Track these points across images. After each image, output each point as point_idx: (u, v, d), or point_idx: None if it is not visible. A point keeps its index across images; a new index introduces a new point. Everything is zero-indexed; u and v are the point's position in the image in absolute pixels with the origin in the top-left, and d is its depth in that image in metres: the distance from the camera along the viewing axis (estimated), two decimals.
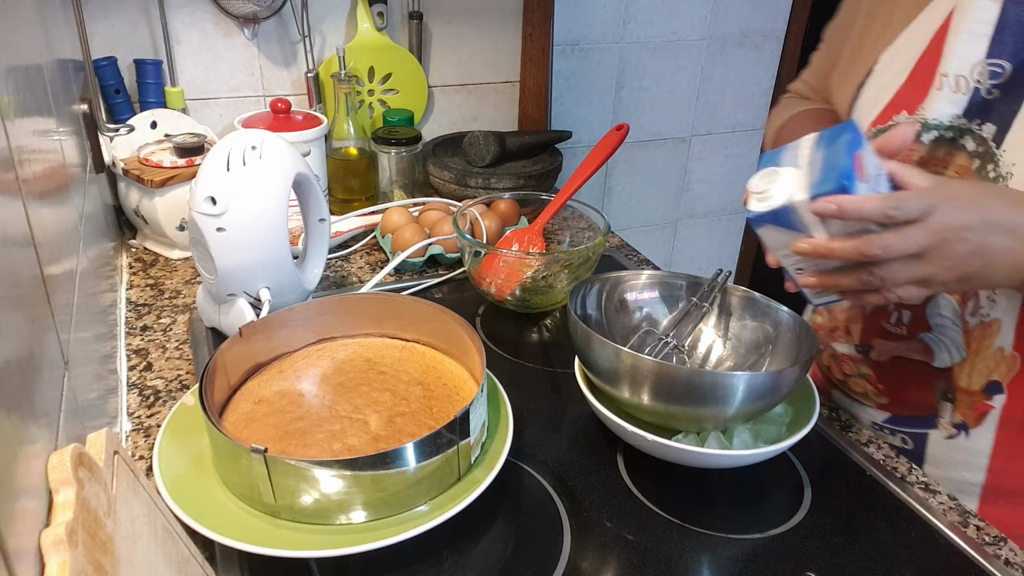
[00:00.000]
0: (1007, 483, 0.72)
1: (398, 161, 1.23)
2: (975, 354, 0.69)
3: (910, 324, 0.73)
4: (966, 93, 0.65)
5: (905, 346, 0.74)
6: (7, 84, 0.48)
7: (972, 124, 0.65)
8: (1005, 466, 0.71)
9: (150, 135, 1.11)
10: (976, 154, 0.65)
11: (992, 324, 0.67)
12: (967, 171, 0.66)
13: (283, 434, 0.65)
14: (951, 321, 0.70)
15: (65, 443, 0.40)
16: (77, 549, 0.34)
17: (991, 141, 0.64)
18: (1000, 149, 0.63)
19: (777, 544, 0.63)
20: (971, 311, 0.69)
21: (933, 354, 0.72)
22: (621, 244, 1.19)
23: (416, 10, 1.28)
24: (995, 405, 0.70)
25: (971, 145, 0.65)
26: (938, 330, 0.71)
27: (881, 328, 0.75)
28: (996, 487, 0.72)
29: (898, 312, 0.74)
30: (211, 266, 0.79)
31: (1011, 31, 0.62)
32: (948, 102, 0.66)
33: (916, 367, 0.74)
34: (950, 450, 0.74)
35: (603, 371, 0.69)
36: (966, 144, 0.66)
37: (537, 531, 0.63)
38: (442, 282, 1.04)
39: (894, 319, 0.74)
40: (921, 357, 0.73)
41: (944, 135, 0.67)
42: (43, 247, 0.49)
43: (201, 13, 1.17)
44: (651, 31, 1.56)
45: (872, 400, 0.80)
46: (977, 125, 0.65)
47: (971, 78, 0.65)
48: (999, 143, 0.63)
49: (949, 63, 0.66)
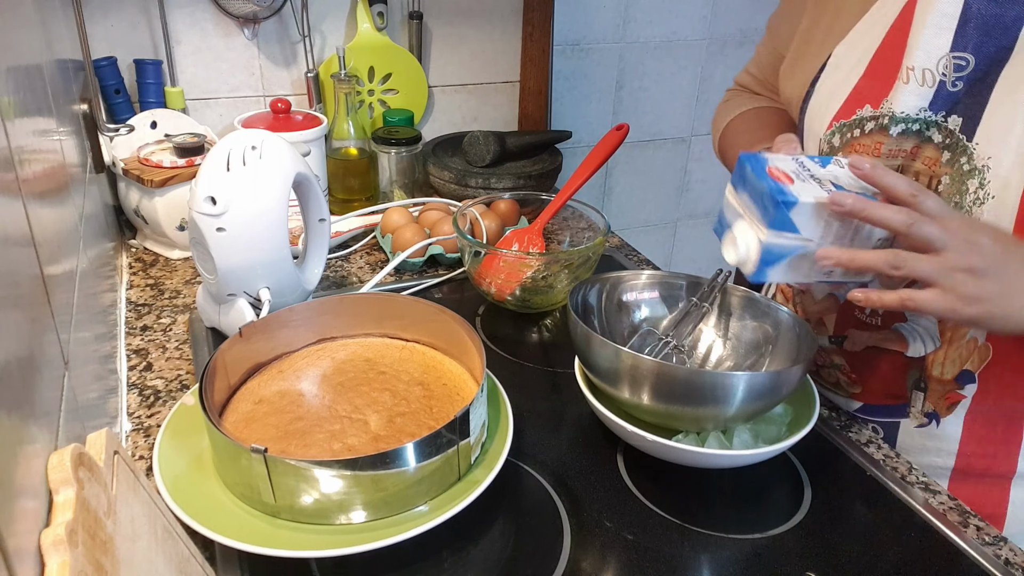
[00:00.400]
0: (976, 464, 0.73)
1: (398, 161, 1.23)
2: (949, 343, 0.70)
3: (885, 314, 0.73)
4: (932, 86, 0.66)
5: (880, 336, 0.74)
6: (7, 84, 0.48)
7: (937, 116, 0.66)
8: (974, 450, 0.73)
9: (150, 135, 1.11)
10: (944, 146, 0.66)
11: None
12: (936, 163, 0.66)
13: (283, 434, 0.65)
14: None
15: (65, 443, 0.40)
16: (77, 549, 0.34)
17: (959, 133, 0.64)
18: (972, 142, 0.64)
19: (777, 544, 0.63)
20: None
21: (907, 344, 0.72)
22: (621, 244, 1.19)
23: (416, 10, 1.28)
24: (966, 395, 0.71)
25: (937, 137, 0.66)
26: (913, 320, 0.72)
27: (856, 319, 0.76)
28: (965, 469, 0.74)
29: None
30: (211, 266, 0.79)
31: (974, 24, 0.63)
32: (915, 95, 0.67)
33: (890, 357, 0.74)
34: (921, 438, 0.75)
35: (603, 371, 0.69)
36: (932, 136, 0.66)
37: (537, 531, 0.63)
38: (442, 282, 1.04)
39: (869, 310, 0.74)
40: (896, 347, 0.74)
41: (910, 127, 0.68)
42: (43, 247, 0.49)
43: (201, 13, 1.17)
44: (651, 31, 1.55)
45: (844, 390, 0.80)
46: (942, 118, 0.65)
47: (937, 71, 0.65)
48: (969, 136, 0.64)
49: (915, 56, 0.66)
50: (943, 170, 0.66)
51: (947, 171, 0.66)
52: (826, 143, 0.74)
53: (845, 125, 0.71)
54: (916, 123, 0.67)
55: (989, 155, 0.63)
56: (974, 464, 0.73)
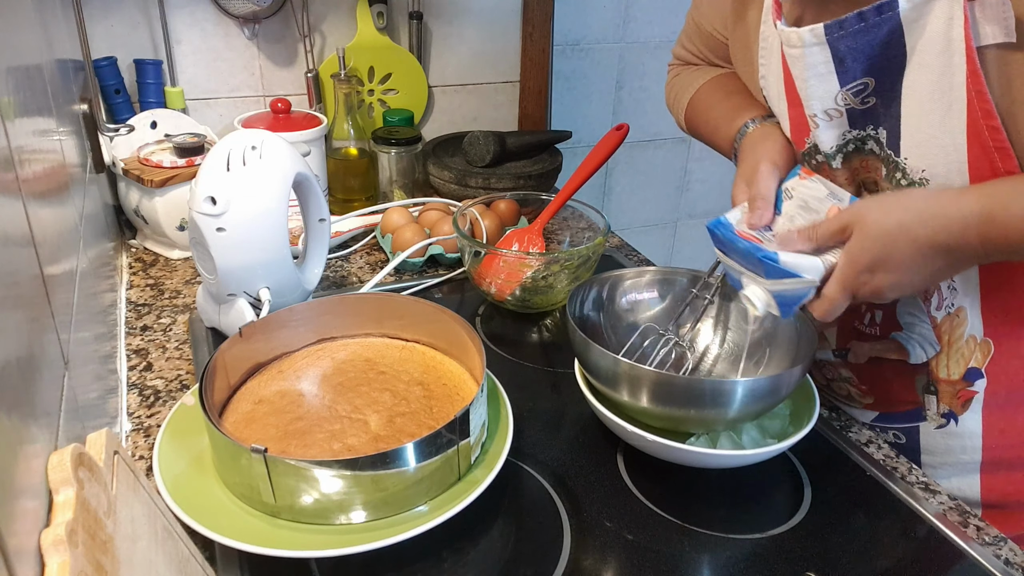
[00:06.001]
0: (1005, 455, 0.72)
1: (398, 161, 1.23)
2: (948, 346, 0.70)
3: (882, 324, 0.73)
4: (841, 116, 0.65)
5: (880, 346, 0.74)
6: (7, 84, 0.48)
7: (867, 130, 0.65)
8: (998, 441, 0.72)
9: (150, 135, 1.11)
10: (881, 159, 0.65)
11: (959, 312, 0.68)
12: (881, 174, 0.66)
13: (283, 434, 0.65)
14: (919, 318, 0.70)
15: (65, 443, 0.40)
16: (77, 549, 0.34)
17: (887, 148, 0.63)
18: (901, 157, 0.63)
19: (777, 544, 0.63)
20: (936, 305, 0.69)
21: (908, 352, 0.72)
22: (621, 244, 1.19)
23: (416, 10, 1.28)
24: (978, 390, 0.70)
25: (876, 148, 0.65)
26: (908, 328, 0.71)
27: (855, 330, 0.76)
28: (994, 460, 0.73)
29: (870, 312, 0.74)
30: (211, 266, 0.79)
31: (850, 58, 0.61)
32: (830, 129, 0.66)
33: (894, 365, 0.74)
34: (943, 438, 0.74)
35: (603, 378, 0.69)
36: (872, 148, 0.65)
37: (537, 531, 0.63)
38: (442, 282, 1.04)
39: (867, 319, 0.74)
40: (897, 356, 0.73)
41: (847, 149, 0.67)
42: (43, 247, 0.49)
43: (201, 13, 1.17)
44: (651, 31, 1.56)
45: (857, 401, 0.80)
46: (872, 129, 0.64)
47: (839, 105, 0.64)
48: (896, 151, 0.63)
49: (811, 105, 0.65)
50: (885, 184, 0.65)
51: (887, 186, 0.65)
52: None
53: (804, 154, 0.71)
54: (849, 144, 0.66)
55: (923, 168, 0.61)
56: (1003, 455, 0.72)
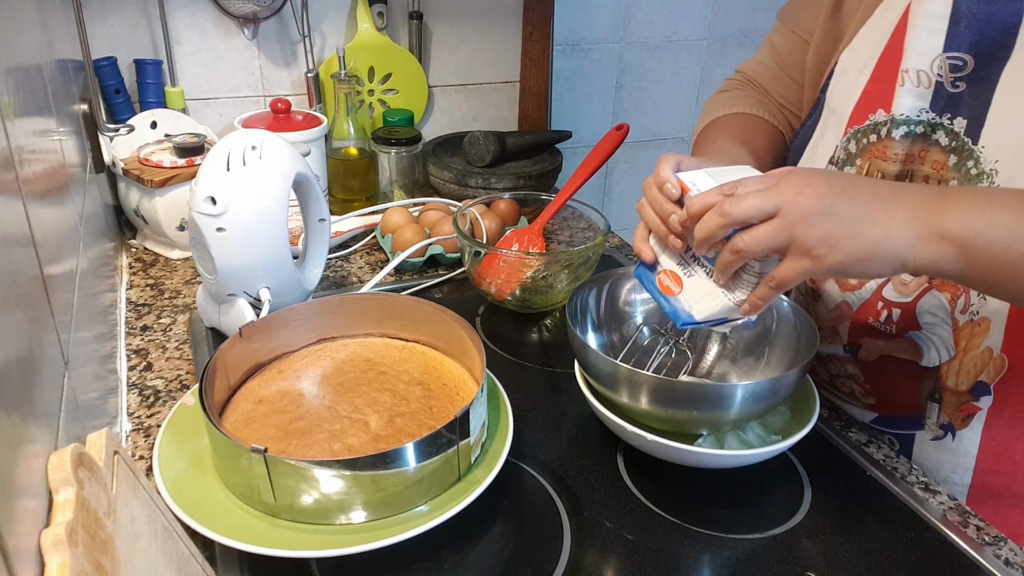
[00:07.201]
0: (994, 482, 0.71)
1: (398, 161, 1.23)
2: (963, 353, 0.69)
3: (899, 322, 0.72)
4: (928, 87, 0.65)
5: (894, 344, 0.74)
6: (7, 84, 0.48)
7: (942, 119, 0.65)
8: (992, 466, 0.71)
9: (150, 135, 1.11)
10: (951, 149, 0.65)
11: (982, 323, 0.67)
12: (943, 166, 0.66)
13: (283, 434, 0.65)
14: (941, 319, 0.70)
15: (65, 443, 0.40)
16: (77, 549, 0.34)
17: (964, 136, 0.64)
18: (978, 145, 0.63)
19: (777, 544, 0.63)
20: (961, 308, 0.68)
21: (922, 353, 0.71)
22: (621, 244, 1.19)
23: (416, 10, 1.28)
24: (982, 407, 0.69)
25: (944, 140, 0.65)
26: (928, 328, 0.71)
27: (870, 327, 0.75)
28: (982, 487, 0.72)
29: (887, 310, 0.74)
30: (211, 266, 0.79)
31: (965, 23, 0.62)
32: (912, 96, 0.67)
33: (904, 367, 0.73)
34: (936, 451, 0.73)
35: (603, 381, 0.69)
36: (939, 139, 0.66)
37: (537, 531, 0.63)
38: (442, 282, 1.04)
39: (883, 317, 0.74)
40: (909, 356, 0.72)
41: (914, 130, 0.67)
42: (43, 247, 0.49)
43: (201, 13, 1.17)
44: (651, 31, 1.56)
45: (859, 401, 0.79)
46: (948, 119, 0.65)
47: (932, 72, 0.65)
48: (975, 139, 0.63)
49: (909, 59, 0.66)
50: (950, 174, 0.65)
51: (955, 175, 0.65)
52: (843, 150, 0.73)
53: (860, 131, 0.71)
54: (919, 125, 0.67)
55: (996, 159, 0.62)
56: (992, 482, 0.71)
